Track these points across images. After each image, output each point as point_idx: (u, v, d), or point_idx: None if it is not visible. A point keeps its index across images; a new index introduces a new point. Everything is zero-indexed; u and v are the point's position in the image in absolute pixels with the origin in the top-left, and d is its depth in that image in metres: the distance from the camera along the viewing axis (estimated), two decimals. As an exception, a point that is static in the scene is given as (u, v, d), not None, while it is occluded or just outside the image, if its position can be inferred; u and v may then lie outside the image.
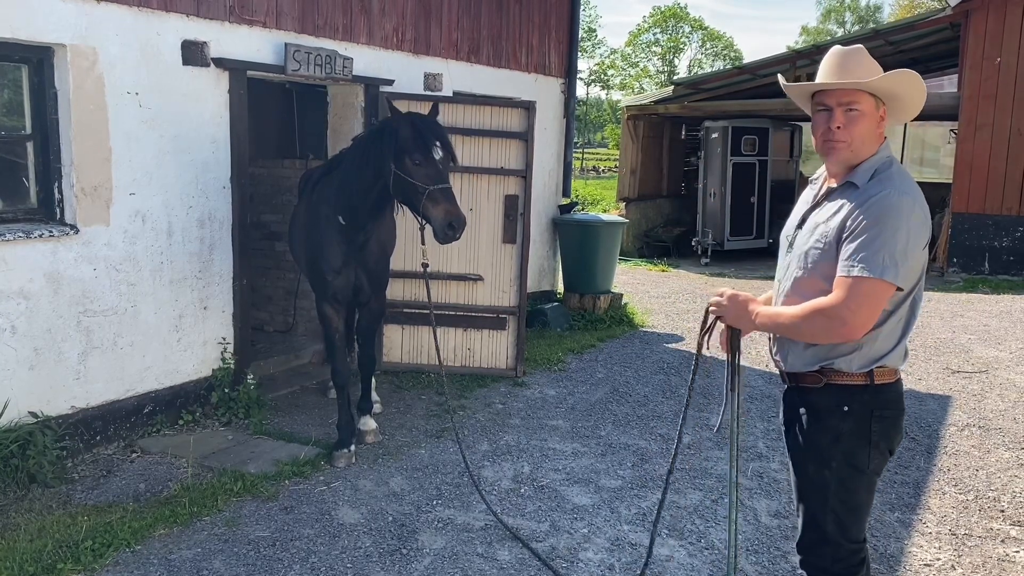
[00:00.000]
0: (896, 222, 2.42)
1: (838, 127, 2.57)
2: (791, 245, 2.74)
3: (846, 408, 2.58)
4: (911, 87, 2.59)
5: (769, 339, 2.84)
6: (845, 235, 2.48)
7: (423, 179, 4.70)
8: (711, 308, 2.82)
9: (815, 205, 2.70)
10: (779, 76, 3.00)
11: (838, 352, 2.57)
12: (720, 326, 2.88)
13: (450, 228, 4.69)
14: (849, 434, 2.59)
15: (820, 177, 2.80)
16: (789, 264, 2.72)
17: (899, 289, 2.46)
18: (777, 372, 2.87)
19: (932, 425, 6.13)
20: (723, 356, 2.96)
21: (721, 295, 2.77)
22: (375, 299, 5.58)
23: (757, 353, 7.35)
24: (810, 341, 2.59)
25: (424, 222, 4.86)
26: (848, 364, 2.57)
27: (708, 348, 2.95)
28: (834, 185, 2.66)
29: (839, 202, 2.57)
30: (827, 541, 2.67)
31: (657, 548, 4.18)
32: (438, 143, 4.75)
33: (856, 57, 2.59)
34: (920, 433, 5.96)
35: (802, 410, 2.69)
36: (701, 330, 2.91)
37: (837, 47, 2.64)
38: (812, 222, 2.65)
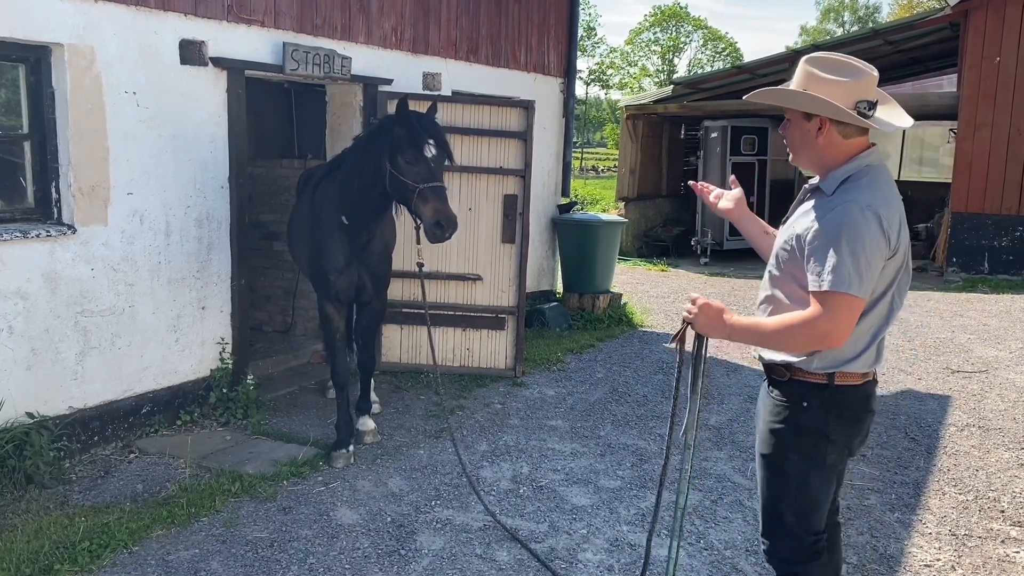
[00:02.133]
0: (856, 236, 2.44)
1: (781, 133, 2.77)
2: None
3: (805, 404, 2.66)
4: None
5: None
6: (808, 244, 2.53)
7: (414, 177, 4.68)
8: (684, 316, 2.82)
9: (797, 204, 2.78)
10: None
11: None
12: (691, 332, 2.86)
13: (438, 227, 4.66)
14: (808, 429, 2.67)
15: (816, 177, 2.83)
16: (771, 258, 2.81)
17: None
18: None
19: (932, 425, 6.12)
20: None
21: (693, 302, 2.77)
22: (376, 299, 5.57)
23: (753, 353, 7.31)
24: (794, 351, 2.62)
25: (419, 221, 4.85)
26: (807, 364, 2.64)
27: (674, 349, 2.95)
28: (815, 183, 2.72)
29: (808, 206, 2.64)
30: (788, 532, 2.77)
31: (656, 548, 4.17)
32: (431, 141, 4.72)
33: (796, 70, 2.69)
34: (920, 433, 5.95)
35: (769, 401, 2.78)
36: (674, 337, 2.92)
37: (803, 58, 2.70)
38: (788, 222, 2.75)
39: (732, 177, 3.27)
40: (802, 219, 2.62)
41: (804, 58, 2.66)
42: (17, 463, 4.60)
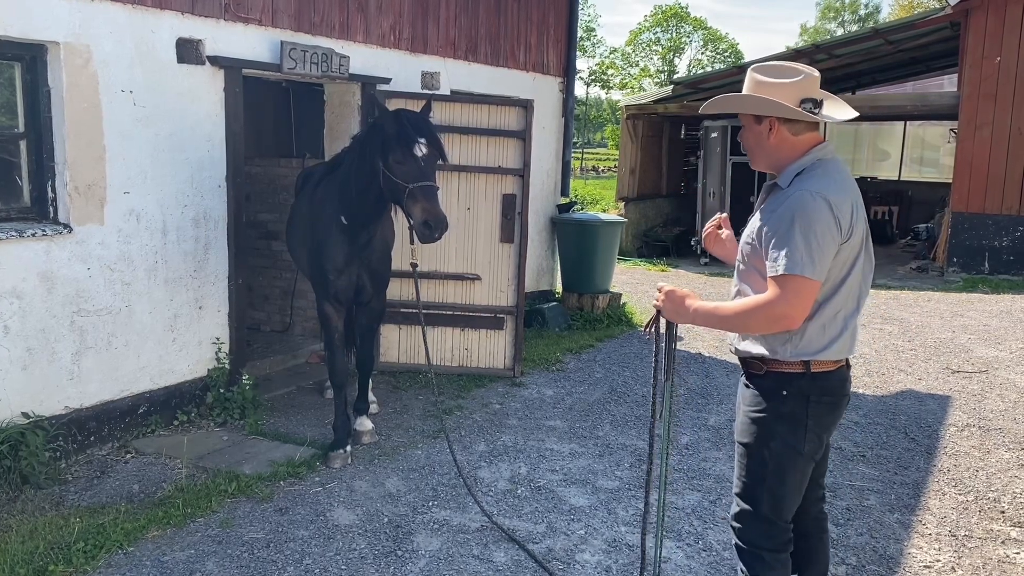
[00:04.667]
0: (807, 221, 2.59)
1: (739, 141, 2.94)
2: None
3: (784, 392, 2.77)
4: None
5: None
6: (766, 234, 2.69)
7: (404, 177, 4.65)
8: (654, 304, 3.01)
9: (760, 202, 2.92)
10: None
11: (771, 344, 2.77)
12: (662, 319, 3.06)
13: (426, 227, 4.63)
14: (788, 416, 2.78)
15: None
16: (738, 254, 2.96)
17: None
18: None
19: (932, 425, 6.10)
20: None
21: (660, 290, 2.95)
22: (376, 299, 5.54)
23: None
24: (753, 332, 2.78)
25: (411, 221, 4.82)
26: (783, 356, 2.76)
27: (648, 336, 3.13)
28: (774, 180, 2.88)
29: (767, 202, 2.81)
30: (760, 518, 2.87)
31: (652, 549, 4.14)
32: (422, 140, 4.68)
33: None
34: (920, 433, 5.92)
35: (748, 392, 2.90)
36: (647, 324, 3.10)
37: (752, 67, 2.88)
38: (751, 220, 2.89)
39: (724, 215, 3.42)
40: (761, 215, 2.77)
41: (751, 67, 2.86)
42: (12, 463, 4.57)
